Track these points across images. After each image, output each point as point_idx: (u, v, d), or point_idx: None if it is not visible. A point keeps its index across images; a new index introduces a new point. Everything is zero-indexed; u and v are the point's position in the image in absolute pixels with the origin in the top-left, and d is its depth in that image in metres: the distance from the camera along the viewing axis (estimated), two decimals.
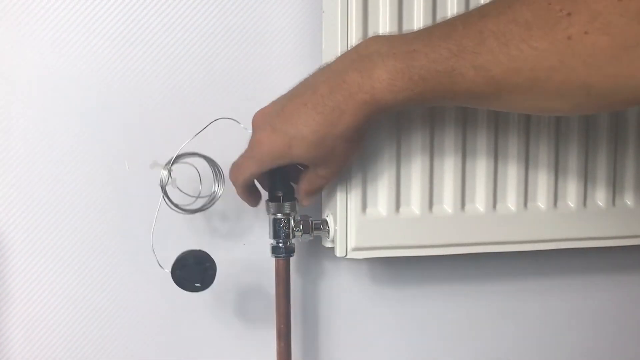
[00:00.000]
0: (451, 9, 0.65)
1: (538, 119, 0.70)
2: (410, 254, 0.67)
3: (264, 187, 0.67)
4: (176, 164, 0.62)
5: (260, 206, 0.68)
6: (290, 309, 0.68)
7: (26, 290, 0.67)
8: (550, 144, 0.70)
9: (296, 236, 0.67)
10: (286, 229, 0.66)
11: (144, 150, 0.68)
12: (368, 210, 0.66)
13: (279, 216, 0.66)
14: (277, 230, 0.66)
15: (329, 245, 0.68)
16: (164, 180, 0.62)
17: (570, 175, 0.72)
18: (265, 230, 0.68)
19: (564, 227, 0.71)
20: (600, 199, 0.73)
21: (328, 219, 0.67)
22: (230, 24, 0.70)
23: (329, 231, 0.67)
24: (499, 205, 0.69)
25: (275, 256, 0.67)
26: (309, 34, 0.71)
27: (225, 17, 0.70)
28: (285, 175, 0.65)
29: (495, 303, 0.82)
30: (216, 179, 0.65)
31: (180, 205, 0.63)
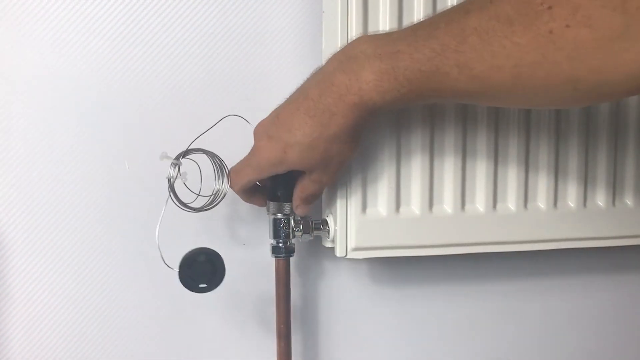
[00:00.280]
0: None
1: (538, 119, 0.70)
2: (410, 254, 0.67)
3: (264, 187, 0.67)
4: (185, 157, 0.61)
5: (245, 202, 0.68)
6: (290, 309, 0.68)
7: (26, 290, 0.67)
8: (551, 144, 0.70)
9: (296, 236, 0.67)
10: (286, 229, 0.66)
11: (144, 150, 0.68)
12: (368, 210, 0.66)
13: (279, 216, 0.66)
14: (277, 230, 0.66)
15: (329, 245, 0.68)
16: (172, 175, 0.61)
17: (571, 175, 0.72)
18: (265, 230, 0.68)
19: (564, 228, 0.71)
20: (600, 199, 0.73)
21: (328, 219, 0.67)
22: (230, 24, 0.70)
23: (329, 231, 0.67)
24: (499, 206, 0.69)
25: (275, 256, 0.67)
26: (309, 34, 0.71)
27: (225, 17, 0.70)
28: (286, 177, 0.65)
29: (495, 303, 0.82)
30: (222, 176, 0.64)
31: (187, 204, 0.62)
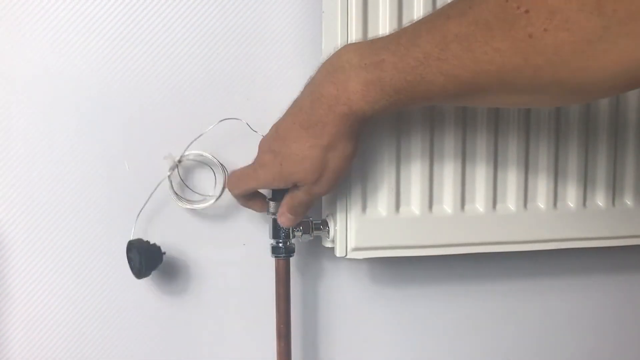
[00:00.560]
0: None
1: (538, 120, 0.70)
2: (410, 254, 0.67)
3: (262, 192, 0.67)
4: (185, 159, 0.63)
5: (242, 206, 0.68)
6: (290, 309, 0.68)
7: (26, 290, 0.67)
8: (550, 145, 0.70)
9: (296, 236, 0.67)
10: (286, 229, 0.66)
11: (144, 150, 0.68)
12: (368, 210, 0.66)
13: None
14: (277, 230, 0.66)
15: (329, 245, 0.68)
16: (170, 165, 0.64)
17: (570, 175, 0.72)
18: (265, 230, 0.68)
19: (563, 228, 0.71)
20: (600, 199, 0.73)
21: (328, 219, 0.67)
22: (230, 24, 0.70)
23: (329, 231, 0.67)
24: (498, 206, 0.69)
25: (275, 256, 0.67)
26: (309, 34, 0.71)
27: (225, 17, 0.69)
28: None
29: (495, 303, 0.82)
30: (223, 177, 0.66)
31: (190, 200, 0.65)
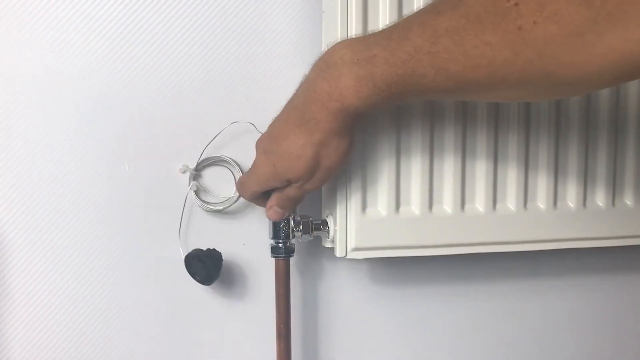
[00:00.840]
0: None
1: (538, 119, 0.70)
2: (410, 254, 0.67)
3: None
4: (203, 166, 0.66)
5: (260, 206, 0.68)
6: (290, 309, 0.68)
7: (26, 290, 0.67)
8: (550, 144, 0.70)
9: (296, 236, 0.67)
10: (286, 229, 0.66)
11: (144, 150, 0.68)
12: (368, 210, 0.66)
13: None
14: (277, 230, 0.66)
15: (328, 245, 0.68)
16: (189, 178, 0.68)
17: (570, 175, 0.71)
18: (265, 230, 0.68)
19: (563, 228, 0.71)
20: (600, 199, 0.73)
21: (328, 219, 0.67)
22: (230, 24, 0.70)
23: (328, 231, 0.67)
24: (498, 206, 0.69)
25: (275, 256, 0.67)
26: (309, 34, 0.71)
27: (225, 17, 0.69)
28: None
29: (495, 303, 0.82)
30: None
31: (209, 203, 0.68)
